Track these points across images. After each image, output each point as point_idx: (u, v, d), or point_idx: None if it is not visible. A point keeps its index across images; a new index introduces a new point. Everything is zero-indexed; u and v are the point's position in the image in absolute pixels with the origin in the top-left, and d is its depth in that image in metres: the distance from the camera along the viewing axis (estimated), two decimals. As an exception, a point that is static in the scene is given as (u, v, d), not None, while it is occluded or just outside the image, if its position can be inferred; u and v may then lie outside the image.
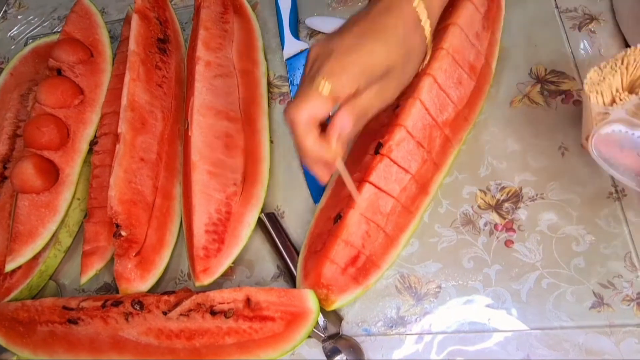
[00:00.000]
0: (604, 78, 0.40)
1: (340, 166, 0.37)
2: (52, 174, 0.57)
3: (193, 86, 0.57)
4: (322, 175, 0.37)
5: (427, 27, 0.36)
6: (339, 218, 0.48)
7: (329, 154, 0.34)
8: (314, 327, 0.46)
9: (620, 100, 0.38)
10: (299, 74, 0.64)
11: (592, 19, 0.57)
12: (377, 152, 0.48)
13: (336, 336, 0.47)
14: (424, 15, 0.35)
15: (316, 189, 0.56)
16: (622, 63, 0.40)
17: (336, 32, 0.36)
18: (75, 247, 0.60)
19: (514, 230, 0.49)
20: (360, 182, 0.48)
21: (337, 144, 0.34)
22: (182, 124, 0.62)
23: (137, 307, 0.48)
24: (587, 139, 0.40)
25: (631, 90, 0.40)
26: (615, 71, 0.39)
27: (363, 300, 0.49)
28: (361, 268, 0.48)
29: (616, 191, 0.48)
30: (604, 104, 0.40)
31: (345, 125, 0.34)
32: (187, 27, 0.72)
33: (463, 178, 0.53)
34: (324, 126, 0.36)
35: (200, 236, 0.51)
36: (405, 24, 0.35)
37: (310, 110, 0.33)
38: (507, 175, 0.52)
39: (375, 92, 0.35)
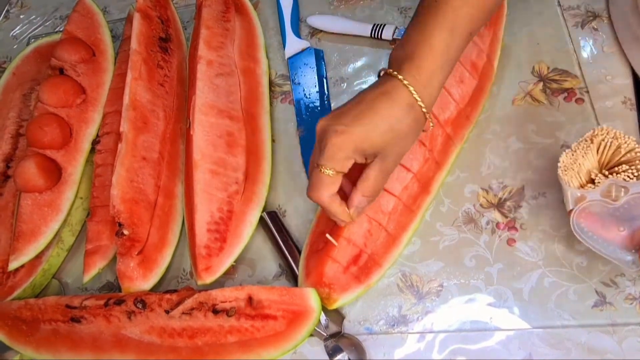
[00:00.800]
0: (575, 160, 0.42)
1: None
2: (54, 173, 0.57)
3: (195, 85, 0.57)
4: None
5: (423, 107, 0.41)
6: None
7: (348, 218, 0.44)
8: (316, 326, 0.46)
9: (594, 183, 0.41)
10: (300, 73, 0.64)
11: (595, 16, 0.57)
12: None
13: (338, 335, 0.47)
14: (418, 97, 0.40)
15: (318, 188, 0.56)
16: (591, 142, 0.42)
17: (340, 110, 0.42)
18: (77, 246, 0.60)
19: (515, 229, 0.49)
20: None
21: (354, 214, 0.44)
22: (184, 123, 0.62)
23: (140, 305, 0.49)
24: (569, 213, 0.42)
25: (604, 166, 0.43)
26: (586, 153, 0.42)
27: (365, 299, 0.49)
28: (363, 267, 0.48)
29: (619, 190, 0.48)
30: (580, 183, 0.42)
31: (361, 203, 0.43)
32: (188, 26, 0.72)
33: (465, 177, 0.52)
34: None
35: (202, 235, 0.51)
36: (398, 107, 0.40)
37: (326, 191, 0.42)
38: (509, 173, 0.51)
39: (377, 171, 0.41)
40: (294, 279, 0.51)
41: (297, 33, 0.66)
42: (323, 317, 0.47)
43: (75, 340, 0.50)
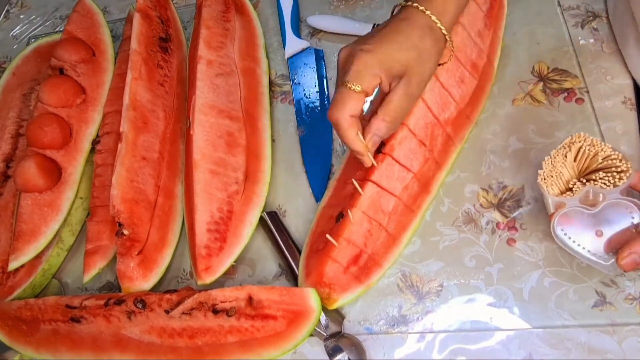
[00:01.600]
0: (554, 167, 0.43)
1: (370, 158, 0.45)
2: (54, 173, 0.57)
3: (195, 85, 0.57)
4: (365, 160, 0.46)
5: (443, 29, 0.43)
6: (341, 217, 0.48)
7: (363, 148, 0.43)
8: (316, 326, 0.46)
9: (574, 187, 0.42)
10: (300, 73, 0.64)
11: (595, 16, 0.57)
12: (379, 150, 0.48)
13: (338, 335, 0.47)
14: (436, 19, 0.42)
15: (318, 188, 0.56)
16: (569, 150, 0.43)
17: (362, 37, 0.43)
18: (77, 245, 0.60)
19: (516, 229, 0.49)
20: (362, 181, 0.48)
21: (370, 143, 0.43)
22: (184, 123, 0.62)
23: (140, 305, 0.48)
24: (550, 217, 0.44)
25: (582, 173, 0.44)
26: (565, 160, 0.43)
27: (365, 299, 0.49)
28: (363, 267, 0.48)
29: (619, 189, 0.48)
30: (560, 191, 0.44)
31: (380, 129, 0.43)
32: (188, 25, 0.72)
33: (465, 176, 0.52)
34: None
35: (202, 235, 0.51)
36: (419, 28, 0.42)
37: (349, 109, 0.41)
38: (509, 173, 0.51)
39: (401, 94, 0.42)
40: (294, 279, 0.51)
41: (297, 33, 0.66)
42: (323, 317, 0.47)
43: (75, 340, 0.50)
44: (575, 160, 0.44)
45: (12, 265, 0.54)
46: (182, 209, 0.57)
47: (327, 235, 0.47)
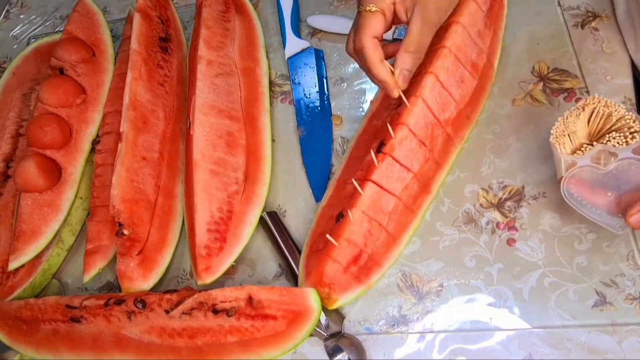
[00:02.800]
0: (567, 127, 0.43)
1: (398, 91, 0.45)
2: (54, 173, 0.57)
3: (195, 85, 0.57)
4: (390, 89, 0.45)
5: None
6: (341, 217, 0.48)
7: (391, 79, 0.43)
8: (316, 326, 0.46)
9: (584, 150, 0.42)
10: (300, 73, 0.64)
11: (595, 16, 0.57)
12: (379, 150, 0.48)
13: (338, 335, 0.47)
14: None
15: (318, 188, 0.56)
16: (583, 110, 0.43)
17: None
18: (78, 245, 0.60)
19: (516, 229, 0.49)
20: (362, 181, 0.48)
21: (399, 79, 0.43)
22: (184, 123, 0.62)
23: (140, 305, 0.48)
24: (560, 180, 0.44)
25: (594, 136, 0.44)
26: (577, 121, 0.43)
27: (365, 299, 0.49)
28: (363, 267, 0.48)
29: (619, 189, 0.48)
30: (571, 151, 0.43)
31: (406, 61, 0.43)
32: (188, 25, 0.72)
33: (465, 176, 0.52)
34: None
35: (202, 235, 0.51)
36: None
37: (369, 30, 0.42)
38: (509, 173, 0.51)
39: (418, 22, 0.42)
40: (294, 279, 0.51)
41: (297, 33, 0.66)
42: (323, 317, 0.47)
43: (75, 340, 0.50)
44: (588, 123, 0.43)
45: (12, 265, 0.54)
46: (182, 209, 0.57)
47: (327, 235, 0.47)
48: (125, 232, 0.52)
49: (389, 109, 0.54)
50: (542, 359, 0.44)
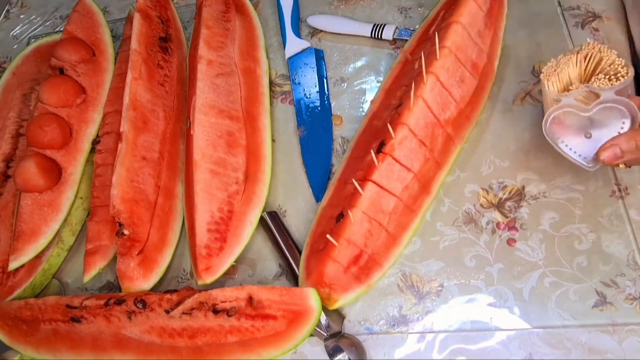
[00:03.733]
0: (558, 67, 0.44)
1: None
2: (54, 173, 0.57)
3: (195, 85, 0.57)
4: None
5: None
6: (341, 217, 0.48)
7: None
8: (316, 326, 0.46)
9: (571, 89, 0.43)
10: (300, 73, 0.64)
11: (595, 16, 0.57)
12: (379, 150, 0.48)
13: (338, 335, 0.47)
14: None
15: (318, 188, 0.56)
16: (577, 53, 0.44)
17: None
18: (78, 245, 0.60)
19: (516, 229, 0.49)
20: (362, 181, 0.48)
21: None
22: (184, 123, 0.62)
23: (140, 305, 0.48)
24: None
25: (584, 79, 0.45)
26: (569, 62, 0.44)
27: (365, 299, 0.49)
28: (363, 267, 0.48)
29: (619, 189, 0.48)
30: (558, 91, 0.44)
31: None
32: (188, 25, 0.72)
33: (465, 177, 0.53)
34: None
35: (202, 235, 0.51)
36: None
37: None
38: (509, 173, 0.51)
39: None
40: (294, 279, 0.51)
41: (298, 33, 0.66)
42: (323, 317, 0.47)
43: (75, 340, 0.50)
44: (582, 68, 0.44)
45: (13, 265, 0.54)
46: (182, 209, 0.57)
47: (328, 236, 0.47)
48: (126, 232, 0.52)
49: (389, 109, 0.54)
50: (542, 359, 0.44)
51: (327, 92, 0.62)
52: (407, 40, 0.60)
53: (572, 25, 0.57)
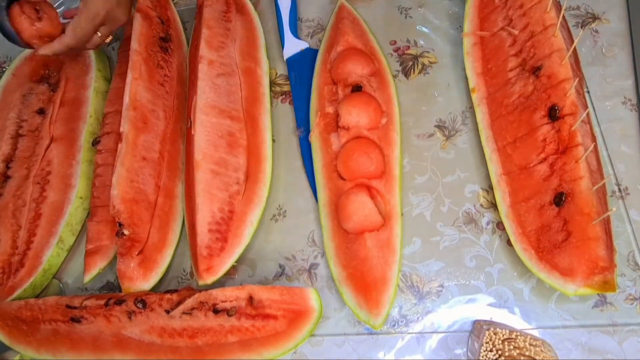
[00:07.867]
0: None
1: None
2: None
3: (196, 85, 0.57)
4: None
5: None
6: (561, 198, 0.43)
7: None
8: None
9: None
10: (299, 73, 0.63)
11: (595, 18, 0.57)
12: (553, 118, 0.45)
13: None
14: None
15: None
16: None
17: None
18: (78, 246, 0.60)
19: (516, 229, 0.49)
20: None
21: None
22: (184, 123, 0.62)
23: (140, 305, 0.48)
24: None
25: None
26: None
27: (365, 299, 0.49)
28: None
29: (619, 190, 0.48)
30: None
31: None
32: (188, 26, 0.72)
33: (465, 177, 0.53)
34: None
35: (203, 235, 0.51)
36: None
37: None
38: (509, 174, 0.51)
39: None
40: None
41: (296, 33, 0.66)
42: None
43: (75, 340, 0.50)
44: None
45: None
46: (182, 209, 0.57)
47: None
48: (126, 232, 0.52)
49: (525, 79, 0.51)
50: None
51: (327, 93, 0.62)
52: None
53: (572, 25, 0.57)
